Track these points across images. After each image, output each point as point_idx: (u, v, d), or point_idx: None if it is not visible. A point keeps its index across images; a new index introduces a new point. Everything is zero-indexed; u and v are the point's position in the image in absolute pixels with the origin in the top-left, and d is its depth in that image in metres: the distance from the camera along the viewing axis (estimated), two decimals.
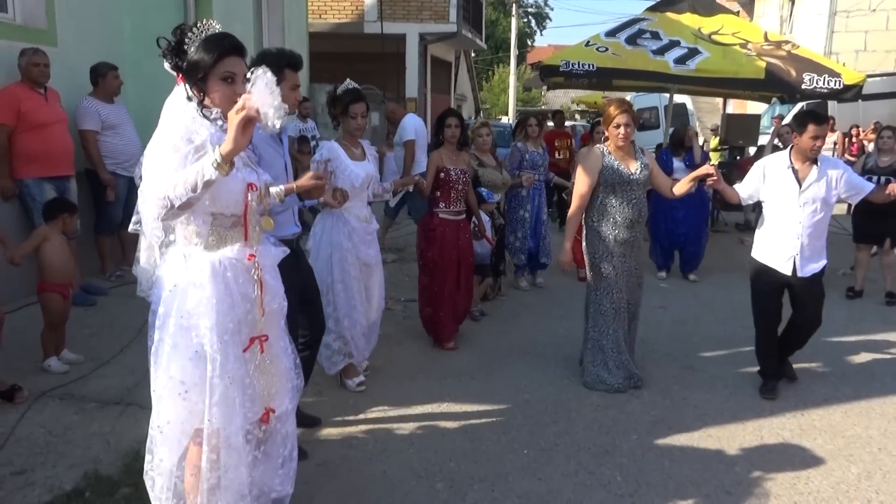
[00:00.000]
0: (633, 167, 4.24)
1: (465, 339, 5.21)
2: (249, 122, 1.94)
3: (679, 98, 15.81)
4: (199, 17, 7.11)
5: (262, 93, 1.96)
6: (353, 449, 3.55)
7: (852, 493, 3.25)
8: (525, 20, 40.75)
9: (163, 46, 2.17)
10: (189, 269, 2.17)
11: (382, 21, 13.40)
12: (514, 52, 22.65)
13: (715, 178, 4.02)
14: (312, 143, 8.01)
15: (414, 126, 7.45)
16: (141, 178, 2.12)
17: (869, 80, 15.30)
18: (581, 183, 4.29)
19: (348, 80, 4.00)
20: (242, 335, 2.21)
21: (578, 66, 8.32)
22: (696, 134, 8.02)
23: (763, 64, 8.20)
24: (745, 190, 4.33)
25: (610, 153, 4.25)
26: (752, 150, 12.14)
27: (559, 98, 34.49)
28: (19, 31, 5.33)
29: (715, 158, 12.90)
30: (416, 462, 3.44)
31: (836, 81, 8.00)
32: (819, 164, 4.10)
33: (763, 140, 14.02)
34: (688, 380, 4.61)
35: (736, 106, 17.30)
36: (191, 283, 2.16)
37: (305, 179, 2.86)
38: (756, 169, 4.31)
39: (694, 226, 7.30)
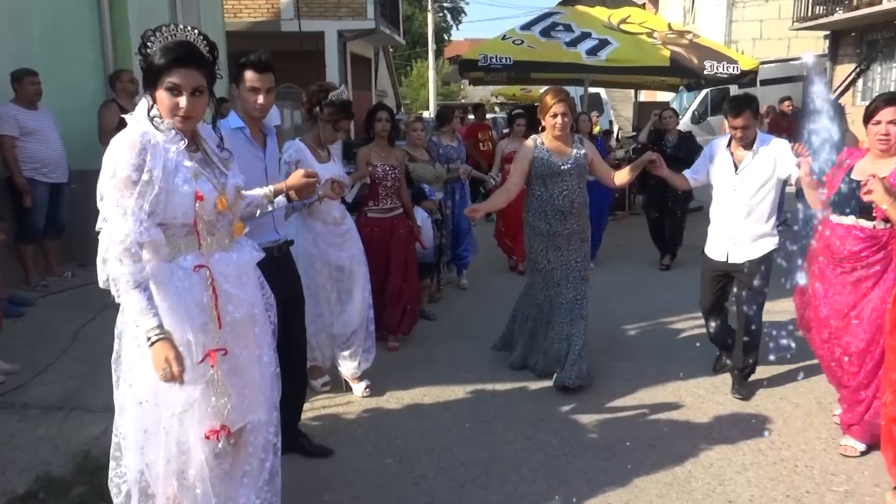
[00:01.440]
0: (566, 158, 4.15)
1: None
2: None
3: (594, 89, 16.47)
4: (113, 19, 7.00)
5: (182, 390, 2.05)
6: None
7: (759, 438, 3.62)
8: (441, 15, 41.09)
9: (138, 47, 2.12)
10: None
11: (300, 19, 13.34)
12: (431, 46, 22.90)
13: (657, 164, 3.92)
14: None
15: None
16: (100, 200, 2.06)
17: (765, 66, 16.36)
18: (512, 174, 4.29)
19: (343, 86, 3.95)
20: (201, 346, 2.15)
21: (496, 60, 8.61)
22: (592, 122, 8.31)
23: (668, 52, 8.71)
24: (696, 173, 4.23)
25: (543, 144, 4.18)
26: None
27: (479, 91, 34.96)
28: None
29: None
30: (364, 442, 3.60)
31: (734, 68, 8.59)
32: (755, 145, 3.92)
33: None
34: (613, 351, 4.95)
35: (647, 95, 18.12)
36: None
37: (296, 178, 2.72)
38: (704, 151, 4.24)
39: (597, 213, 7.21)
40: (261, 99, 2.95)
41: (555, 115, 4.08)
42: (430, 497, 3.11)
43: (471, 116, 11.62)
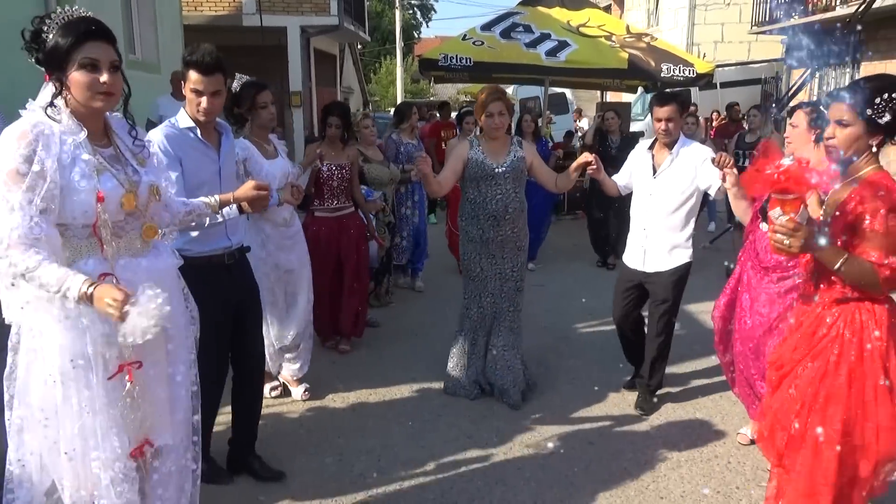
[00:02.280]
0: (502, 160, 3.93)
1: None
2: (117, 319, 1.80)
3: (559, 89, 16.60)
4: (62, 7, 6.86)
5: (140, 315, 1.81)
6: None
7: (695, 436, 3.70)
8: (410, 12, 41.03)
9: (26, 38, 1.96)
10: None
11: (262, 13, 13.19)
12: (399, 44, 22.86)
13: (595, 167, 3.73)
14: None
15: None
16: None
17: (726, 68, 16.62)
18: (444, 169, 4.06)
19: (238, 74, 3.75)
20: (108, 359, 1.97)
21: (456, 60, 8.61)
22: (539, 123, 8.36)
23: (626, 55, 8.81)
24: (622, 178, 4.05)
25: (479, 145, 3.97)
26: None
27: (447, 90, 35.03)
28: None
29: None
30: (305, 440, 3.59)
31: (689, 70, 8.72)
32: (675, 148, 3.74)
33: (635, 126, 15.02)
34: (561, 349, 5.01)
35: (613, 96, 18.32)
36: (40, 300, 1.93)
37: (246, 189, 2.55)
38: (630, 155, 4.09)
39: (539, 214, 7.21)
40: (204, 102, 2.78)
41: (490, 115, 3.85)
42: (366, 495, 3.11)
43: (437, 114, 11.64)
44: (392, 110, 22.05)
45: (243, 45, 13.04)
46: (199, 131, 2.88)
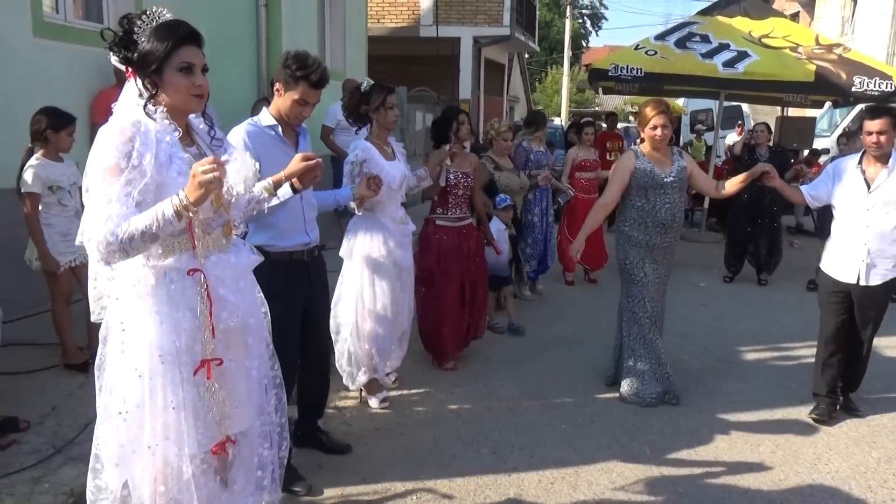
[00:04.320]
0: (668, 170, 4.10)
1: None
2: (217, 185, 1.83)
3: (735, 102, 15.78)
4: (269, 25, 7.67)
5: (235, 170, 1.88)
6: (405, 417, 3.94)
7: (870, 475, 3.47)
8: (580, 21, 40.70)
9: (108, 38, 1.99)
10: (132, 280, 2.00)
11: (438, 25, 13.82)
12: (567, 54, 22.83)
13: (771, 175, 3.89)
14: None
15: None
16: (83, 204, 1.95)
17: None
18: (611, 185, 4.20)
19: (367, 79, 3.90)
20: (193, 355, 2.01)
21: (627, 71, 8.56)
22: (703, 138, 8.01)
23: (813, 67, 8.29)
24: (815, 190, 4.10)
25: (644, 155, 4.13)
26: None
27: (614, 100, 34.35)
28: None
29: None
30: (462, 430, 3.81)
31: (887, 84, 8.04)
32: (890, 163, 3.79)
33: (818, 143, 13.93)
34: (722, 370, 4.85)
35: (796, 110, 17.11)
36: (133, 295, 1.98)
37: (294, 163, 2.53)
38: (826, 170, 4.15)
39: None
40: (306, 112, 2.98)
41: (654, 127, 4.04)
42: (518, 489, 3.25)
43: (603, 125, 11.57)
44: (554, 119, 22.10)
45: (419, 54, 13.75)
46: (280, 129, 3.00)
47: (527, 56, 23.96)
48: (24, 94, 4.66)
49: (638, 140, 4.35)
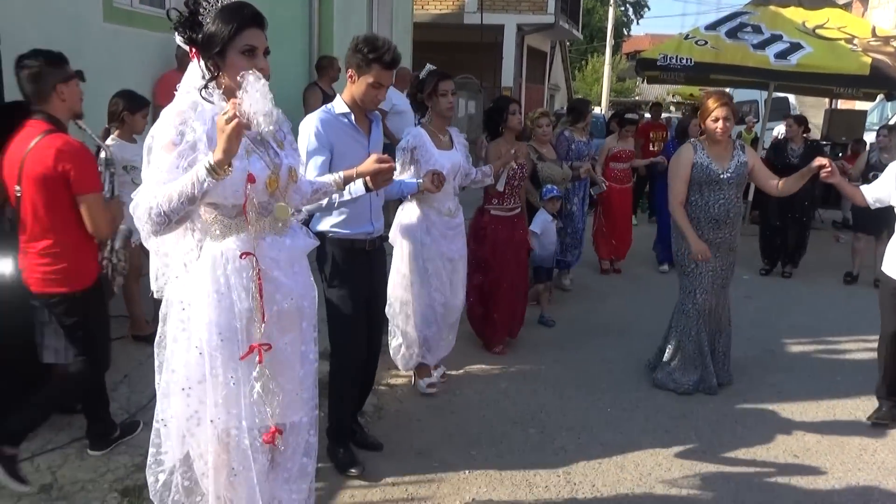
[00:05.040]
0: (726, 165, 4.04)
1: (558, 313, 5.58)
2: (239, 129, 1.83)
3: (782, 94, 15.48)
4: (321, 12, 7.81)
5: (255, 99, 1.88)
6: (456, 396, 4.08)
7: None
8: (622, 9, 40.16)
9: (174, 18, 2.00)
10: (191, 259, 2.06)
11: (482, 12, 13.83)
12: (609, 42, 22.61)
13: (829, 170, 3.66)
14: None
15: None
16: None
17: None
18: (674, 181, 4.13)
19: (428, 64, 3.86)
20: (250, 335, 2.04)
21: (676, 61, 8.49)
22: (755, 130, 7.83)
23: (869, 60, 8.11)
24: (874, 192, 3.92)
25: (703, 149, 4.07)
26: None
27: (655, 89, 33.90)
28: None
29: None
30: (511, 410, 3.92)
31: None
32: None
33: (868, 136, 13.61)
34: (766, 361, 4.88)
35: (845, 103, 16.71)
36: (192, 274, 2.04)
37: (368, 163, 2.53)
38: (889, 171, 3.90)
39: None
40: (381, 95, 2.97)
41: (716, 119, 3.95)
42: (567, 468, 3.35)
43: (647, 115, 11.49)
44: (595, 109, 21.92)
45: (462, 41, 13.79)
46: (352, 117, 2.99)
47: (568, 44, 23.80)
48: (94, 76, 4.80)
49: (699, 132, 4.23)
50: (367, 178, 2.57)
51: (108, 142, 3.95)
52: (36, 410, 2.96)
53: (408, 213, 3.88)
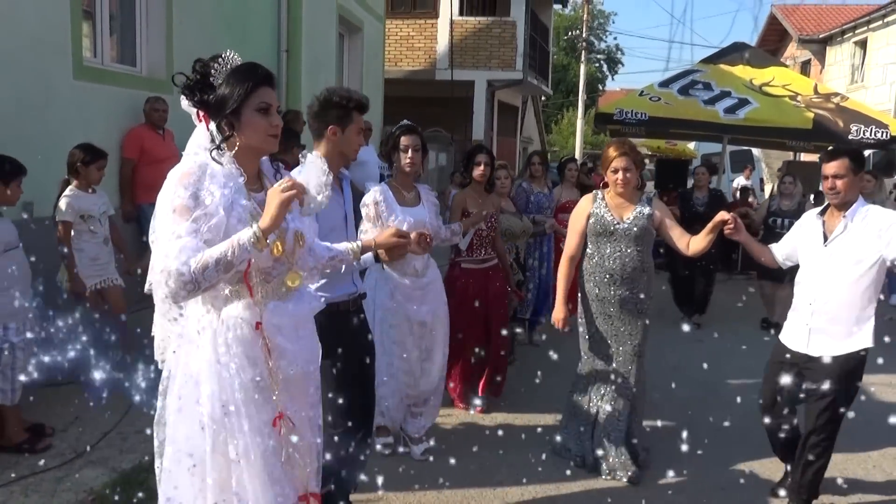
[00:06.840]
0: (625, 216, 3.74)
1: (533, 368, 5.66)
2: (291, 200, 1.84)
3: (744, 147, 16.05)
4: (288, 70, 8.12)
5: (313, 175, 1.94)
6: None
7: None
8: (597, 65, 41.51)
9: (180, 83, 2.01)
10: (191, 328, 2.00)
11: (453, 69, 14.35)
12: (581, 97, 23.35)
13: (731, 226, 3.34)
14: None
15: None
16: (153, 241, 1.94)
17: None
18: (569, 233, 3.92)
19: (405, 120, 3.79)
20: (257, 405, 1.97)
21: (631, 115, 8.94)
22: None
23: (811, 115, 8.61)
24: (783, 249, 3.59)
25: (603, 200, 3.82)
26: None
27: None
28: (144, 82, 6.33)
29: None
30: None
31: (883, 133, 8.32)
32: (850, 212, 3.24)
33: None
34: (710, 402, 5.04)
35: (806, 155, 17.33)
36: (193, 344, 1.98)
37: (387, 236, 2.52)
38: (795, 228, 3.57)
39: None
40: (364, 139, 2.96)
41: (615, 171, 3.69)
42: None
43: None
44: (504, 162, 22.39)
45: (434, 96, 14.25)
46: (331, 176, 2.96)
47: (542, 98, 24.55)
48: (64, 132, 5.05)
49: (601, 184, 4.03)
50: (382, 251, 2.56)
51: (67, 192, 4.14)
52: None
53: (373, 277, 3.75)
